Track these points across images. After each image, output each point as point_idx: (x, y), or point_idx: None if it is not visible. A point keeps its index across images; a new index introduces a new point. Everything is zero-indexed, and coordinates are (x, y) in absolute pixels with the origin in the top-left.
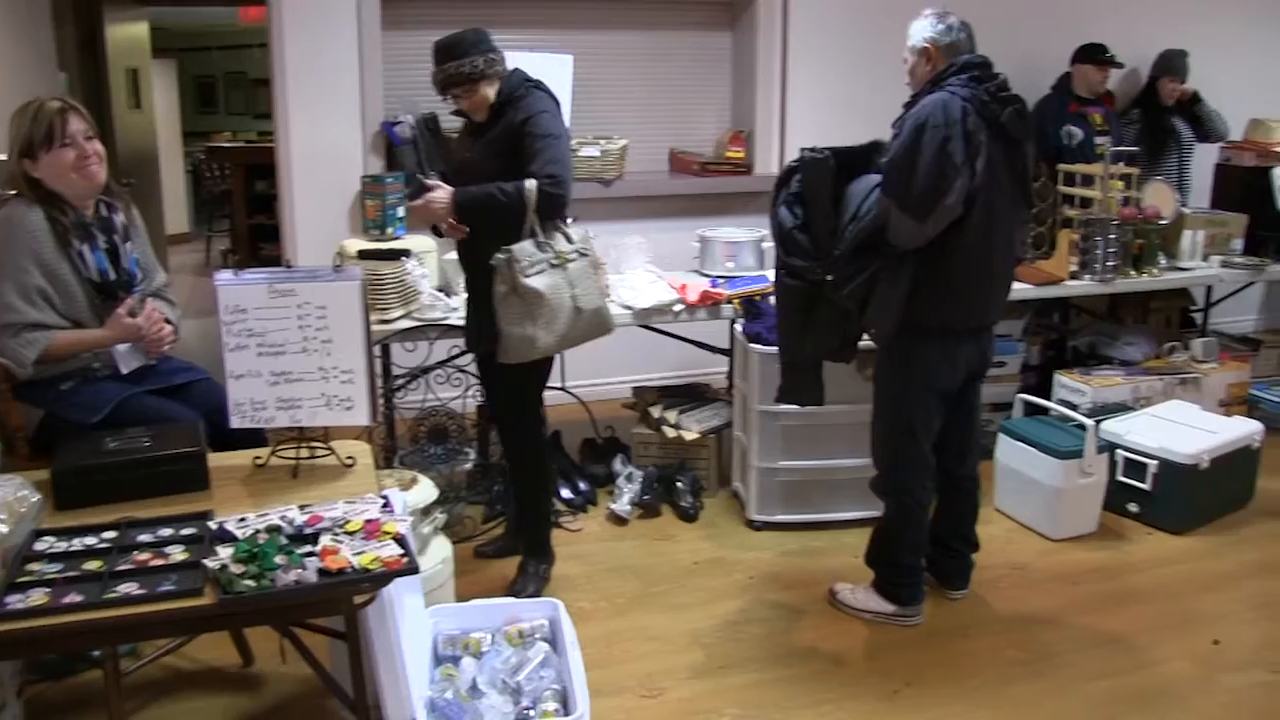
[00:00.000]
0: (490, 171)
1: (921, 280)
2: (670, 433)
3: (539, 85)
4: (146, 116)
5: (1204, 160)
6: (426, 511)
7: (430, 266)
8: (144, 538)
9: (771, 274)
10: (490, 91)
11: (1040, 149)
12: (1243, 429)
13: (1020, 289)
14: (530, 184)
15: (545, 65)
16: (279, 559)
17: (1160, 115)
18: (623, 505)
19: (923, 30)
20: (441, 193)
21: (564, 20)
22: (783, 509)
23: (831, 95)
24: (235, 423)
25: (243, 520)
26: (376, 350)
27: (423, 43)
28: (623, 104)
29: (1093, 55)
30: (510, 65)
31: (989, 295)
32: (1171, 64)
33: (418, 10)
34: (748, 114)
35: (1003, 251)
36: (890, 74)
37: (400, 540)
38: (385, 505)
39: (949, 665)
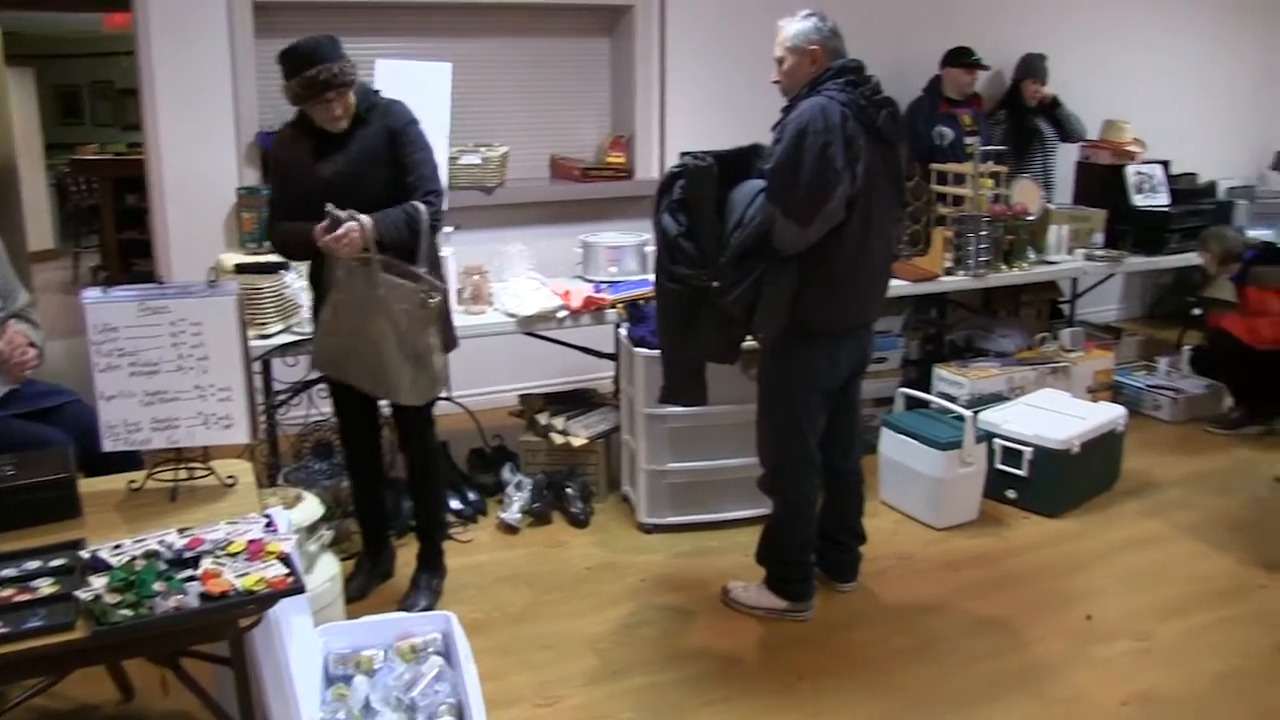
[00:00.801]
0: (376, 183)
1: (805, 283)
2: (558, 439)
3: (379, 92)
4: (2, 127)
5: (1066, 159)
6: (312, 529)
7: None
8: (7, 572)
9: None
10: (353, 100)
11: (914, 149)
12: (1109, 414)
13: (898, 286)
14: (423, 207)
15: (424, 73)
16: (158, 585)
17: (1024, 116)
18: (513, 514)
19: (807, 31)
20: (356, 224)
21: (441, 28)
22: (673, 511)
23: (710, 98)
24: (108, 446)
25: (118, 547)
26: (256, 366)
27: None
28: (502, 111)
29: (960, 58)
30: (378, 73)
31: (869, 294)
32: (1032, 67)
33: (291, 17)
34: (627, 119)
35: (881, 251)
36: (768, 76)
37: (285, 559)
38: (269, 524)
39: (840, 657)
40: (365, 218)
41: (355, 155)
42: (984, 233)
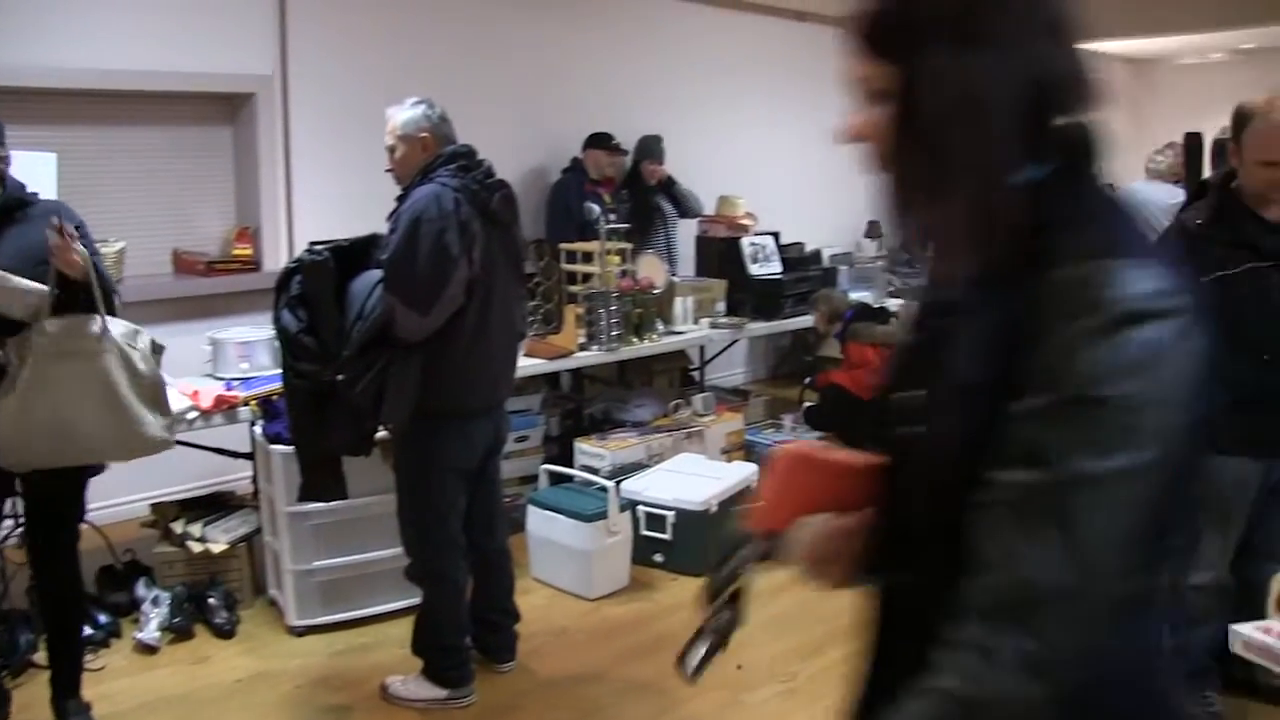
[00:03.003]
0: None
1: (429, 369)
2: (196, 547)
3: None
4: None
5: (686, 233)
6: None
7: None
8: None
9: None
10: None
11: (569, 224)
12: (742, 472)
13: (534, 364)
14: None
15: (24, 164)
16: None
17: (646, 194)
18: (150, 633)
19: (416, 119)
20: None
21: (42, 115)
22: (324, 610)
23: (338, 186)
24: None
25: None
26: None
27: None
28: (117, 204)
29: (602, 142)
30: None
31: (495, 374)
32: (650, 148)
33: None
34: (253, 210)
35: (504, 332)
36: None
37: None
38: None
39: None
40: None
41: (10, 253)
42: (614, 307)
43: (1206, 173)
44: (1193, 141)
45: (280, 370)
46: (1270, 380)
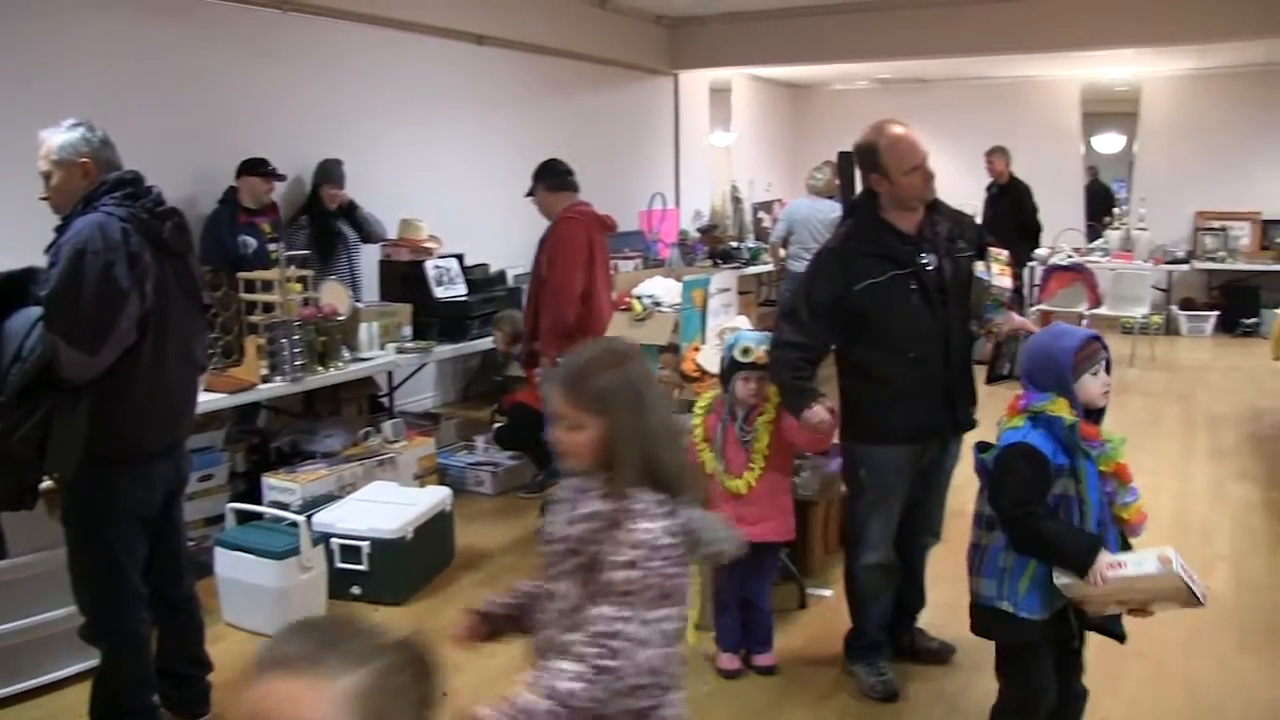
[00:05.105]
0: None
1: (101, 411)
2: None
3: None
4: None
5: (369, 258)
6: None
7: None
8: None
9: None
10: None
11: (222, 259)
12: (436, 496)
13: (215, 399)
14: None
15: None
16: None
17: (326, 220)
18: None
19: (75, 143)
20: None
21: None
22: None
23: None
24: None
25: None
26: None
27: None
28: None
29: (255, 168)
30: None
31: (174, 413)
32: (329, 173)
33: None
34: None
35: (182, 367)
36: (41, 191)
37: None
38: None
39: None
40: None
41: None
42: (296, 337)
43: (859, 188)
44: (844, 160)
45: None
46: (918, 375)
